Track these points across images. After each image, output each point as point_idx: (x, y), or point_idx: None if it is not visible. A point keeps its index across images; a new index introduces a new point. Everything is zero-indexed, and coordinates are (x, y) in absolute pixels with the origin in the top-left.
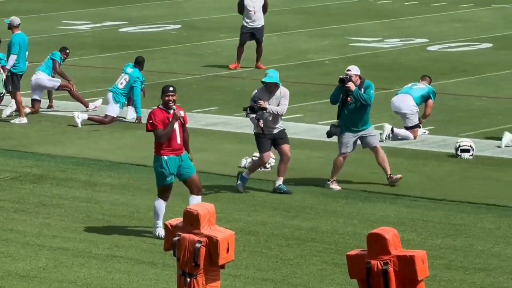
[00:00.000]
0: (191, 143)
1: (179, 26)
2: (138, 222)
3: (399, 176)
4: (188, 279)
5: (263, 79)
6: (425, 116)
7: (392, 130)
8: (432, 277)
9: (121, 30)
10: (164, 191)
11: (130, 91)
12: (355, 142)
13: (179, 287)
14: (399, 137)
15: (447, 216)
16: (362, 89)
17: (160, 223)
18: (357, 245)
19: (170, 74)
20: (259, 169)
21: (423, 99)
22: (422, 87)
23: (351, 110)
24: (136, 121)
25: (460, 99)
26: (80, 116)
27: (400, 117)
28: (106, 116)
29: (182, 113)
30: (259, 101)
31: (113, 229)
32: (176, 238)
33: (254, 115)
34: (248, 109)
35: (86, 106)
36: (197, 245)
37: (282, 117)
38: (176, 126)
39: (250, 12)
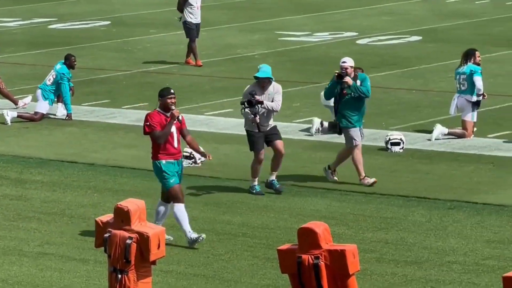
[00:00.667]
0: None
1: (108, 22)
2: (69, 219)
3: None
4: (120, 276)
5: (256, 74)
6: None
7: (321, 124)
8: (363, 271)
9: (50, 26)
10: (175, 194)
11: (58, 88)
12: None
13: (110, 283)
14: (330, 131)
15: (378, 210)
16: (358, 82)
17: (188, 227)
18: (288, 239)
19: (99, 70)
20: (189, 165)
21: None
22: None
23: (348, 103)
24: (66, 117)
25: (389, 92)
26: (10, 114)
27: (330, 111)
28: (35, 113)
29: (180, 116)
30: (256, 95)
31: (44, 226)
32: (107, 235)
33: (249, 110)
34: (245, 103)
35: (16, 104)
36: (128, 241)
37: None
38: (174, 129)
39: (193, 8)
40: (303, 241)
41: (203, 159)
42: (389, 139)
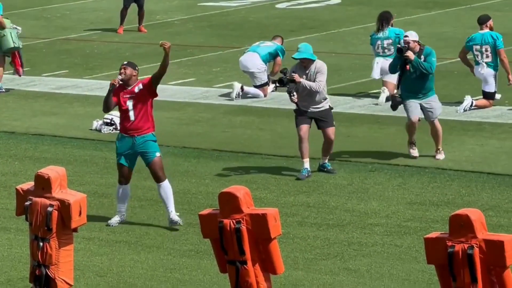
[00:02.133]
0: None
1: None
2: None
3: (441, 156)
4: (41, 243)
5: (294, 55)
6: (273, 73)
7: (242, 88)
8: (286, 234)
9: None
10: (118, 171)
11: None
12: (419, 108)
13: (32, 251)
14: (249, 95)
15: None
16: (422, 57)
17: (120, 207)
18: (210, 204)
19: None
20: (110, 131)
21: (271, 57)
22: (269, 45)
23: (411, 79)
24: None
25: None
26: None
27: (248, 76)
28: None
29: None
30: (292, 73)
31: None
32: (27, 203)
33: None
34: (277, 82)
35: None
36: (49, 209)
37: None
38: (130, 103)
39: None
40: (224, 205)
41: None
42: None
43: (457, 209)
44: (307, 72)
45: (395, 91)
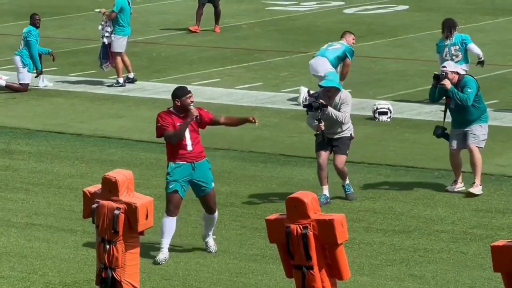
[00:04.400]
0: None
1: None
2: (57, 190)
3: (475, 190)
4: (108, 246)
5: (321, 83)
6: (342, 75)
7: (309, 92)
8: (352, 240)
9: None
10: (168, 202)
11: (29, 47)
12: (462, 137)
13: (98, 254)
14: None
15: (366, 179)
16: (459, 88)
17: (165, 242)
18: (276, 209)
19: (86, 40)
20: None
21: (340, 60)
22: (338, 48)
23: (453, 110)
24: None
25: (376, 61)
26: None
27: (318, 80)
28: (21, 84)
29: (196, 111)
30: (319, 98)
31: (31, 197)
32: (94, 205)
33: (312, 116)
34: (306, 106)
35: None
36: (116, 212)
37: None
38: (187, 131)
39: None
40: (291, 211)
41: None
42: (377, 108)
43: None
44: (331, 101)
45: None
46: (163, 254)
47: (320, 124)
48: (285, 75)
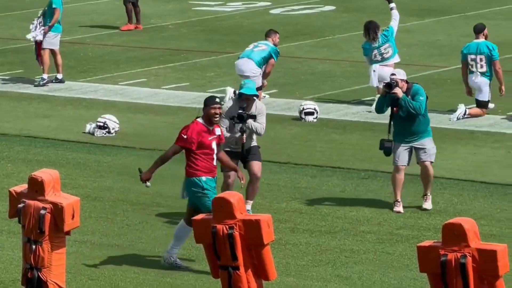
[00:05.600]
0: None
1: None
2: None
3: (427, 205)
4: (34, 246)
5: (242, 90)
6: (265, 74)
7: (234, 93)
8: (278, 241)
9: None
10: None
11: None
12: (409, 154)
13: (24, 254)
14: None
15: (292, 180)
16: (410, 96)
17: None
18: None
19: (14, 40)
20: (103, 135)
21: (265, 61)
22: (263, 49)
23: (400, 121)
24: None
25: (303, 62)
26: None
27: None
28: None
29: (218, 130)
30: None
31: None
32: (21, 205)
33: (238, 127)
34: (235, 118)
35: None
36: (42, 211)
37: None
38: (214, 145)
39: None
40: (217, 211)
41: (117, 129)
42: (303, 109)
43: (449, 217)
44: (247, 111)
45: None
46: (177, 259)
47: (243, 136)
48: (211, 76)
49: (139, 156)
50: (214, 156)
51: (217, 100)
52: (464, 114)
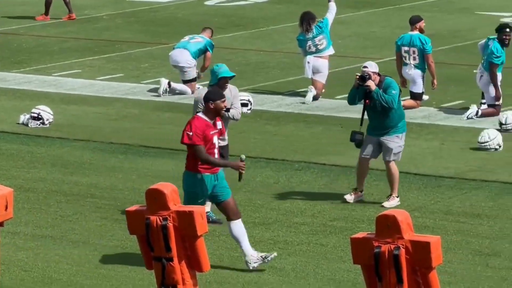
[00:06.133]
0: None
1: None
2: None
3: (389, 203)
4: None
5: (223, 74)
6: (203, 68)
7: (169, 84)
8: (212, 232)
9: None
10: (231, 209)
11: None
12: (376, 146)
13: None
14: (177, 91)
15: (226, 171)
16: (382, 89)
17: (249, 245)
18: (137, 200)
19: None
20: (37, 126)
21: (201, 53)
22: (199, 41)
23: (371, 113)
24: None
25: (237, 53)
26: None
27: (178, 71)
28: None
29: (220, 124)
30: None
31: None
32: None
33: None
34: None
35: None
36: None
37: None
38: (215, 139)
39: None
40: (151, 202)
41: (51, 120)
42: None
43: (383, 209)
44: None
45: (323, 90)
46: (255, 255)
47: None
48: (146, 67)
49: (73, 147)
50: (215, 150)
51: (223, 93)
52: None
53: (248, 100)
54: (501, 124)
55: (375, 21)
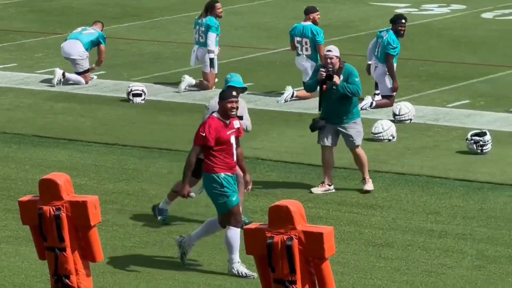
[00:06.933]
0: None
1: None
2: None
3: (368, 187)
4: None
5: (231, 83)
6: (99, 61)
7: (63, 74)
8: (105, 222)
9: None
10: (233, 215)
11: None
12: (335, 134)
13: None
14: (71, 81)
15: (119, 161)
16: (341, 76)
17: (236, 257)
18: (30, 190)
19: None
20: None
21: (93, 44)
22: (91, 32)
23: (329, 101)
24: None
25: (132, 43)
26: None
27: (70, 63)
28: None
29: (237, 123)
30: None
31: None
32: None
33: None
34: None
35: None
36: None
37: None
38: (233, 139)
39: None
40: (44, 192)
41: None
42: (131, 90)
43: (277, 200)
44: None
45: (205, 82)
46: (237, 267)
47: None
48: (40, 56)
49: None
50: (234, 151)
51: (234, 93)
52: (292, 96)
53: (142, 90)
54: (394, 115)
55: (268, 11)
